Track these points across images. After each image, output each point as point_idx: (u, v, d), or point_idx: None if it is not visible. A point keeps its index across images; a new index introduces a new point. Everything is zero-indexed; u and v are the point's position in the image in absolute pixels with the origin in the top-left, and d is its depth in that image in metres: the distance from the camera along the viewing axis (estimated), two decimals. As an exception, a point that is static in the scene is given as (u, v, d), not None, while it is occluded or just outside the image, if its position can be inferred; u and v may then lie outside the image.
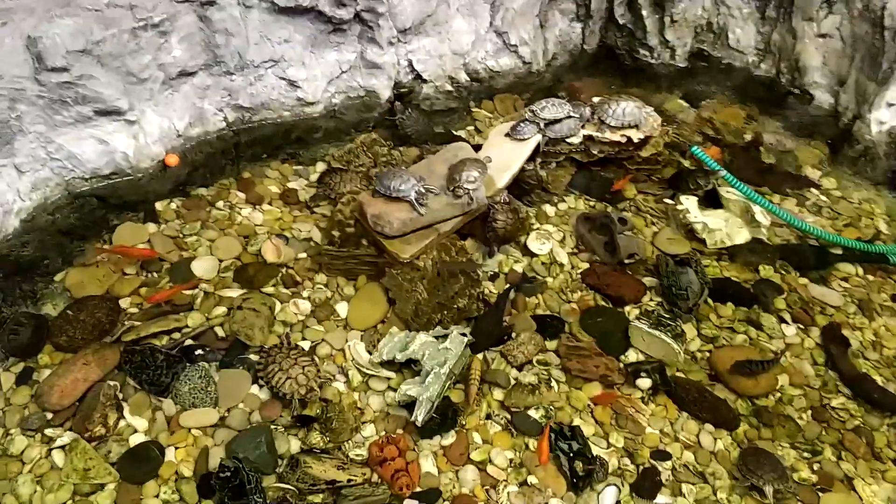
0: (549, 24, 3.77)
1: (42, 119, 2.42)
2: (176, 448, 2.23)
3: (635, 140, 3.29)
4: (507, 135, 3.19)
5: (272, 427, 2.32)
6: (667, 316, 2.83)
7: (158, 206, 2.88)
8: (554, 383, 2.63)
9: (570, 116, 3.19)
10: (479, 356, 2.66)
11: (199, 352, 2.45)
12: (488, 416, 2.51)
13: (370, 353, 2.59)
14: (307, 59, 3.02)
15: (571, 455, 2.40)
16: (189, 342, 2.47)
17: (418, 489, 2.27)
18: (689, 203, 3.30)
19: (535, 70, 3.78)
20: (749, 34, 4.06)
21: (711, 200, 3.39)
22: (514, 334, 2.76)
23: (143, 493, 2.12)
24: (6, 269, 2.48)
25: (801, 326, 2.94)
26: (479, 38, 3.47)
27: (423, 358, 2.51)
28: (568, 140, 3.24)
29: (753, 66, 4.10)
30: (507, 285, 2.91)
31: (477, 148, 3.25)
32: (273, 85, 3.01)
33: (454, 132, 3.52)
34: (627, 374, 2.67)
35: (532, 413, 2.52)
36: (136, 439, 2.22)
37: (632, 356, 2.75)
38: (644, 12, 3.85)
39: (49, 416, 2.23)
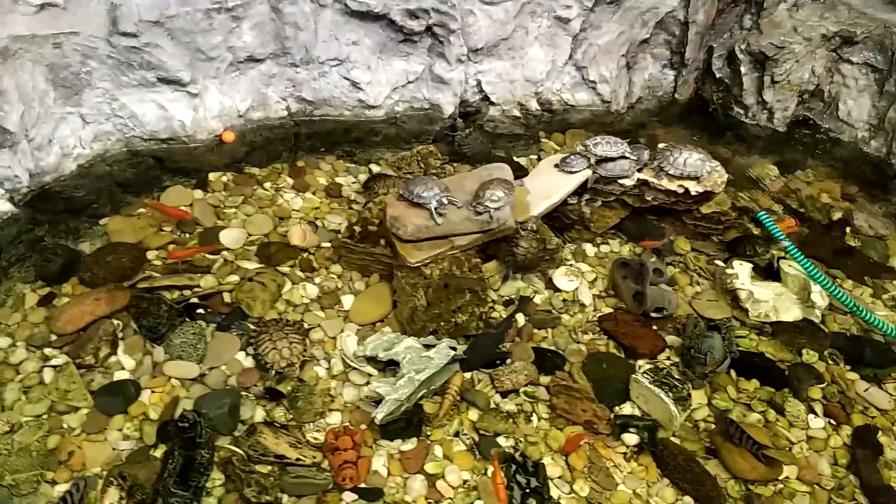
0: (638, 66, 3.73)
1: (109, 77, 2.76)
2: (152, 392, 2.42)
3: (693, 192, 3.16)
4: (557, 165, 3.18)
5: (243, 393, 2.45)
6: (676, 377, 2.68)
7: (211, 176, 3.15)
8: (535, 417, 2.58)
9: (624, 157, 3.13)
10: (467, 374, 2.67)
11: (200, 311, 2.65)
12: (456, 434, 2.49)
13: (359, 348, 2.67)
14: (373, 64, 3.20)
15: (527, 491, 2.34)
16: (195, 300, 2.68)
17: (362, 485, 2.30)
18: (740, 268, 3.12)
19: (615, 110, 3.74)
20: (863, 107, 3.79)
21: (771, 273, 3.20)
22: (508, 360, 2.74)
23: (109, 423, 2.31)
24: (59, 204, 2.82)
25: (832, 422, 2.69)
26: (555, 68, 3.51)
27: (403, 361, 2.55)
28: (620, 181, 3.17)
29: (863, 143, 3.81)
30: (514, 310, 2.89)
31: (526, 174, 3.27)
32: (336, 83, 3.22)
33: (515, 158, 3.56)
34: (615, 426, 2.56)
35: (501, 441, 2.48)
36: (119, 375, 2.44)
37: (626, 409, 2.63)
38: (743, 69, 3.70)
39: (53, 338, 2.50)
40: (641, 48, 3.69)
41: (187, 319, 2.60)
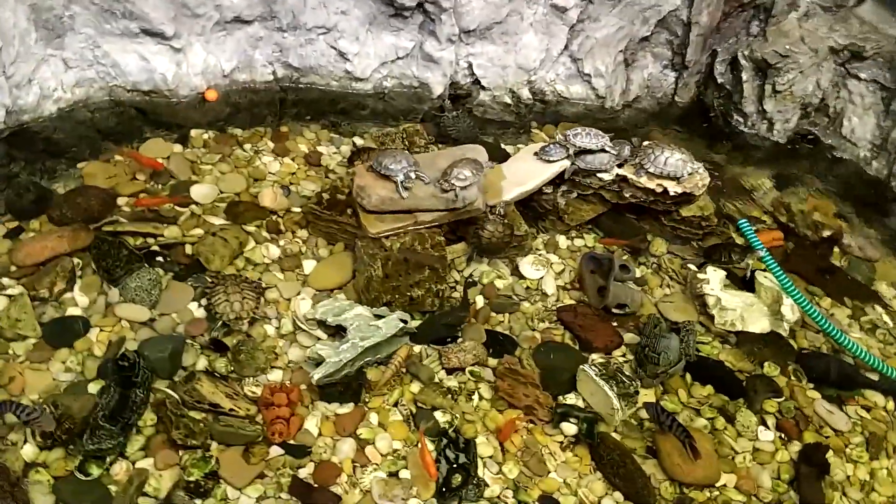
0: (637, 64, 3.72)
1: (92, 24, 2.86)
2: (100, 330, 2.50)
3: (671, 192, 3.14)
4: (536, 153, 3.19)
5: (188, 342, 2.53)
6: (626, 374, 2.69)
7: (192, 132, 3.22)
8: (476, 397, 2.61)
9: (604, 150, 3.13)
10: (417, 348, 2.71)
11: (160, 258, 2.73)
12: (395, 404, 2.54)
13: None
14: (362, 36, 3.24)
15: (454, 466, 2.37)
16: (157, 248, 2.76)
17: (291, 442, 2.36)
18: (712, 274, 3.10)
19: (609, 107, 3.73)
20: (867, 126, 3.73)
21: (748, 284, 3.17)
22: (459, 339, 2.77)
23: (54, 355, 2.40)
24: (38, 144, 2.92)
25: (783, 436, 2.68)
26: (549, 58, 3.51)
27: (350, 327, 2.60)
28: (599, 175, 3.17)
29: (864, 163, 3.75)
30: (464, 287, 2.93)
31: (506, 159, 3.29)
32: (323, 52, 3.27)
33: (503, 145, 3.58)
34: (556, 414, 2.57)
35: (438, 415, 2.52)
36: (72, 311, 2.53)
37: (571, 400, 2.64)
38: (744, 75, 3.67)
39: (13, 269, 2.59)
40: (641, 46, 3.67)
41: (146, 265, 2.67)
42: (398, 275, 2.75)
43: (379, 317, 2.68)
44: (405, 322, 2.69)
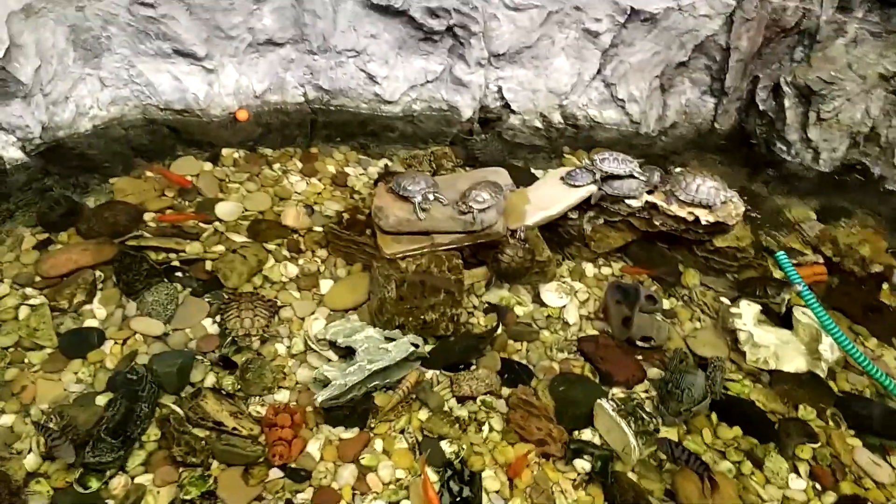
0: (675, 90, 3.59)
1: (128, 45, 2.93)
2: (115, 342, 2.51)
3: (703, 221, 2.99)
4: (562, 178, 3.09)
5: (199, 357, 2.51)
6: (646, 410, 2.54)
7: (224, 151, 3.26)
8: (486, 428, 2.49)
9: (632, 176, 3.00)
10: (429, 373, 2.62)
11: (179, 274, 2.73)
12: (402, 431, 2.45)
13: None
14: (391, 59, 3.22)
15: (457, 499, 2.26)
16: (177, 264, 2.77)
17: (293, 465, 2.30)
18: (746, 309, 2.93)
19: (645, 132, 3.61)
20: (922, 157, 3.48)
21: (785, 320, 2.97)
22: (472, 367, 2.67)
23: (67, 366, 2.42)
24: (72, 159, 3.00)
25: (817, 486, 2.46)
26: (581, 82, 3.42)
27: (359, 349, 2.54)
28: (627, 201, 3.04)
29: (919, 196, 3.50)
30: (496, 324, 2.82)
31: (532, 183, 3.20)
32: (352, 74, 3.27)
33: (533, 170, 3.49)
34: (569, 450, 2.44)
35: (445, 445, 2.42)
36: (89, 323, 2.55)
37: (586, 436, 2.51)
38: (787, 102, 3.49)
39: (37, 279, 2.64)
40: (679, 71, 3.55)
41: (164, 280, 2.68)
42: (413, 297, 2.68)
43: (390, 339, 2.62)
44: (417, 346, 2.61)
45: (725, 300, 3.04)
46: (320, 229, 3.03)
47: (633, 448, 2.42)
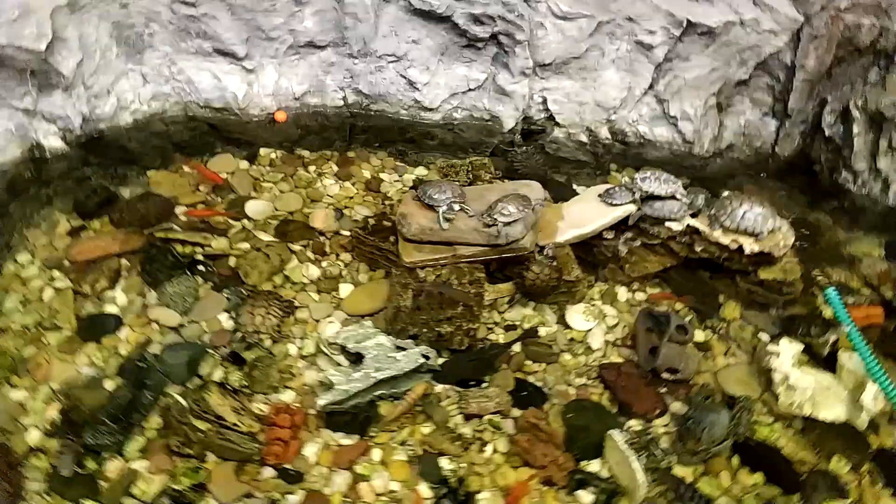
0: (733, 109, 3.40)
1: (169, 42, 3.02)
2: (131, 330, 2.58)
3: (747, 251, 2.82)
4: (600, 196, 2.97)
5: (210, 351, 2.54)
6: (661, 446, 2.40)
7: (262, 151, 3.31)
8: (490, 448, 2.42)
9: (674, 197, 2.85)
10: (438, 387, 2.56)
11: (201, 268, 2.79)
12: (402, 443, 2.40)
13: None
14: (432, 66, 3.20)
15: (448, 519, 2.20)
16: (201, 258, 2.82)
17: (286, 466, 2.29)
18: (785, 347, 2.73)
19: (698, 153, 3.43)
20: None
21: (830, 363, 2.75)
22: (484, 384, 2.59)
23: (82, 349, 2.49)
24: (113, 151, 3.12)
25: (844, 546, 2.26)
26: (632, 97, 3.29)
27: (368, 356, 2.51)
28: (668, 224, 2.90)
29: None
30: (514, 339, 2.73)
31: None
32: (392, 80, 3.25)
33: (575, 186, 3.38)
34: (574, 479, 2.33)
35: (444, 462, 2.36)
36: (109, 309, 2.62)
37: (594, 467, 2.39)
38: (856, 128, 3.24)
39: (66, 263, 2.74)
40: (738, 90, 3.36)
41: (187, 273, 2.74)
42: (429, 308, 2.63)
43: (401, 349, 2.59)
44: (427, 358, 2.57)
45: (765, 336, 2.86)
46: (347, 233, 3.03)
47: (641, 484, 2.29)
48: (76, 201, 2.95)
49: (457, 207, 2.72)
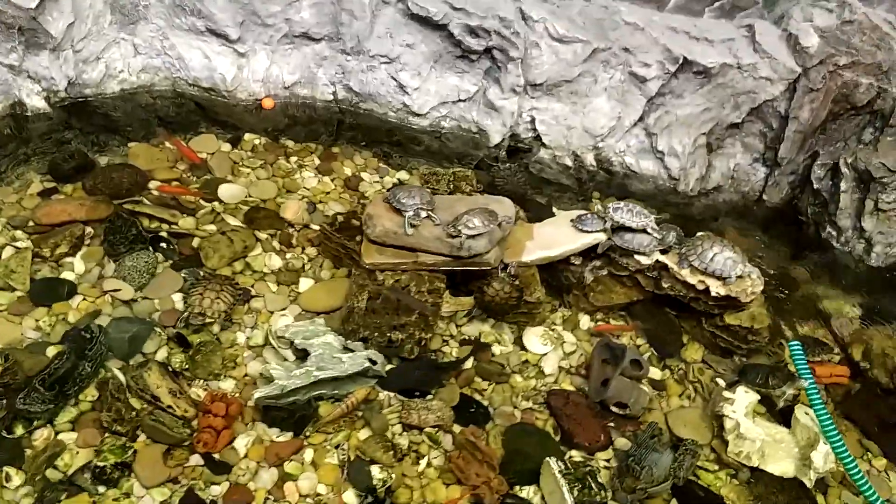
0: (724, 152, 3.38)
1: (163, 16, 3.04)
2: (83, 299, 2.57)
3: (713, 293, 2.78)
4: (573, 221, 2.94)
5: (157, 330, 2.53)
6: (598, 480, 2.36)
7: (247, 136, 3.31)
8: (424, 462, 2.39)
9: (645, 231, 2.83)
10: (383, 394, 2.53)
11: (163, 245, 2.78)
12: (337, 446, 2.38)
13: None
14: (424, 72, 3.19)
15: (368, 528, 2.17)
16: (164, 235, 2.81)
17: (216, 455, 2.27)
18: (741, 396, 2.70)
19: (682, 191, 3.41)
20: None
21: (787, 417, 2.71)
22: (430, 396, 2.57)
23: (31, 312, 2.49)
24: (97, 118, 3.13)
25: None
26: (620, 126, 3.27)
27: (312, 354, 2.49)
28: (637, 257, 2.87)
29: None
30: (467, 355, 2.71)
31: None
32: (383, 80, 3.25)
33: (556, 209, 3.35)
34: (503, 503, 2.30)
35: (374, 470, 2.33)
36: (65, 275, 2.62)
37: (528, 493, 2.36)
38: (843, 185, 3.21)
39: (31, 224, 2.73)
40: (730, 132, 3.33)
41: (149, 249, 2.73)
42: (384, 312, 2.62)
43: (349, 350, 2.57)
44: (374, 363, 2.54)
45: (720, 382, 2.82)
46: (317, 228, 3.02)
47: (569, 518, 2.26)
48: (52, 163, 2.95)
49: (423, 214, 2.71)
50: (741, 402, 2.71)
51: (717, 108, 3.28)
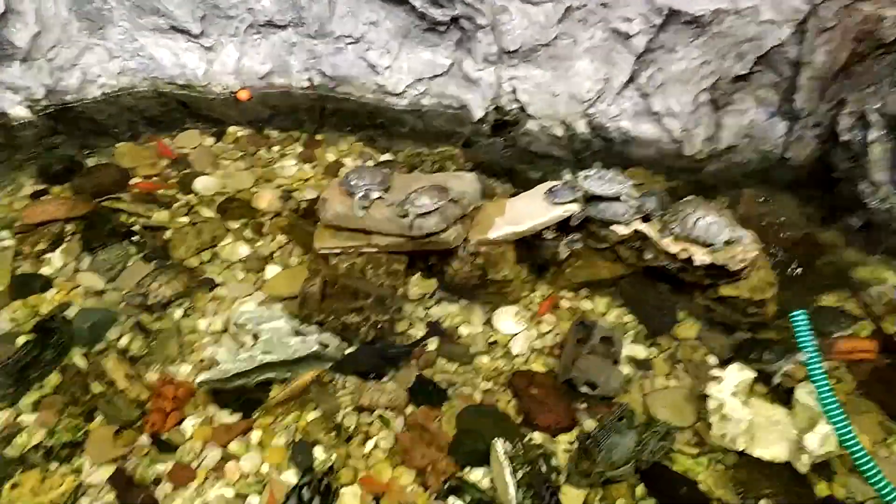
0: (733, 107, 3.22)
1: (127, 18, 3.32)
2: (57, 291, 2.87)
3: (697, 262, 2.67)
4: (545, 193, 2.92)
5: (121, 318, 2.77)
6: (551, 463, 2.35)
7: (230, 129, 3.56)
8: (371, 443, 2.48)
9: (619, 199, 2.76)
10: (338, 376, 2.64)
11: (135, 238, 3.05)
12: (286, 428, 2.51)
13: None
14: (393, 49, 3.28)
15: (302, 508, 2.28)
16: (137, 229, 3.08)
17: (163, 436, 2.46)
18: (732, 373, 2.58)
19: (689, 154, 3.27)
20: None
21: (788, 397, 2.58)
22: (386, 378, 2.65)
23: (8, 305, 2.81)
24: (82, 123, 3.45)
25: None
26: (609, 89, 3.20)
27: (261, 338, 2.64)
28: (614, 227, 2.80)
29: None
30: (425, 335, 2.78)
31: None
32: (353, 62, 3.37)
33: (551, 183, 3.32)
34: (447, 485, 2.34)
35: (316, 450, 2.45)
36: (44, 271, 2.94)
37: (477, 475, 2.39)
38: (871, 134, 2.96)
39: (17, 223, 3.08)
40: (738, 86, 3.16)
41: (122, 242, 3.01)
42: (338, 297, 2.73)
43: (301, 335, 2.69)
44: (326, 346, 2.66)
45: (710, 360, 2.70)
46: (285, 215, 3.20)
47: (511, 499, 2.27)
48: (41, 167, 3.31)
49: (374, 195, 2.81)
50: (732, 380, 2.59)
51: (718, 61, 3.14)
